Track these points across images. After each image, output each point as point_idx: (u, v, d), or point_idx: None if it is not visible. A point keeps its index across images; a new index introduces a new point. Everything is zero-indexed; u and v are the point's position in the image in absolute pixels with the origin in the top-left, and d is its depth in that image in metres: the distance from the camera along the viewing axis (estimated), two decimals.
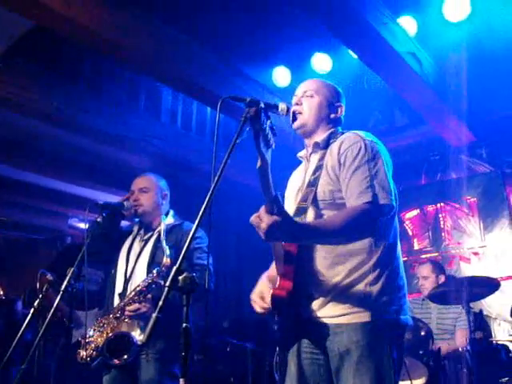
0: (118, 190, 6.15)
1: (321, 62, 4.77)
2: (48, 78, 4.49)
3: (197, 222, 1.67)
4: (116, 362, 2.72)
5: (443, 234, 5.39)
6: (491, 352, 3.78)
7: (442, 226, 5.42)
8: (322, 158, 2.07)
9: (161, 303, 1.50)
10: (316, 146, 2.14)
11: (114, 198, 5.69)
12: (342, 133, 2.13)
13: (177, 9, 3.99)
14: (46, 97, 4.45)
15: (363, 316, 1.88)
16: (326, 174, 2.01)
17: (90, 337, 2.86)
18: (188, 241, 1.66)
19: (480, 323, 3.86)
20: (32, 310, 2.56)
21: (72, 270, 2.54)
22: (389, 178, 1.94)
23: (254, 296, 2.09)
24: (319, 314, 1.95)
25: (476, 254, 5.13)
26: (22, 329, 2.46)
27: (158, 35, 3.90)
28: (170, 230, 2.95)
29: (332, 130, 2.17)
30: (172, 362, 2.77)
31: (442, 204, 5.45)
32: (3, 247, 8.90)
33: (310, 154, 2.18)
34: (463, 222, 5.28)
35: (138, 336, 2.79)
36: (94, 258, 2.93)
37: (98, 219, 2.89)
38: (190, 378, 1.52)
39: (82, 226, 8.16)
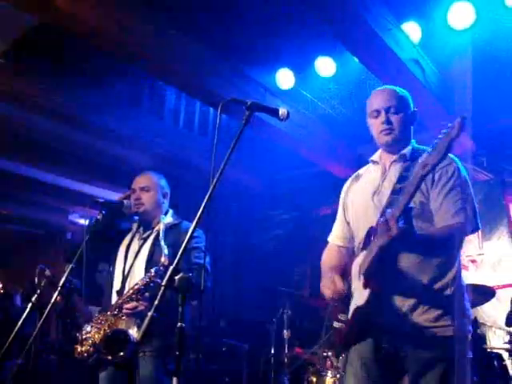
0: (118, 188, 6.17)
1: (324, 65, 4.78)
2: (52, 75, 4.51)
3: (195, 221, 1.69)
4: (112, 358, 2.74)
5: None
6: (485, 360, 3.79)
7: None
8: (407, 169, 2.13)
9: (156, 302, 1.52)
10: (402, 157, 2.22)
11: (114, 196, 5.72)
12: (422, 149, 2.20)
13: (181, 10, 4.00)
14: (50, 93, 4.48)
15: (448, 330, 2.00)
16: None
17: (87, 333, 2.87)
18: (186, 240, 1.67)
19: (475, 331, 3.87)
20: (30, 305, 2.58)
21: (70, 266, 2.56)
22: (475, 203, 2.15)
23: (326, 281, 2.20)
24: (405, 321, 2.03)
25: (474, 261, 5.12)
26: (20, 323, 2.48)
27: (161, 35, 3.91)
28: (168, 229, 2.96)
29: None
30: (169, 360, 2.79)
31: None
32: (3, 241, 8.93)
33: (392, 162, 2.25)
34: None
35: (134, 333, 2.80)
36: (93, 255, 2.94)
37: (98, 217, 2.91)
38: (185, 377, 1.54)
39: (83, 221, 8.19)
